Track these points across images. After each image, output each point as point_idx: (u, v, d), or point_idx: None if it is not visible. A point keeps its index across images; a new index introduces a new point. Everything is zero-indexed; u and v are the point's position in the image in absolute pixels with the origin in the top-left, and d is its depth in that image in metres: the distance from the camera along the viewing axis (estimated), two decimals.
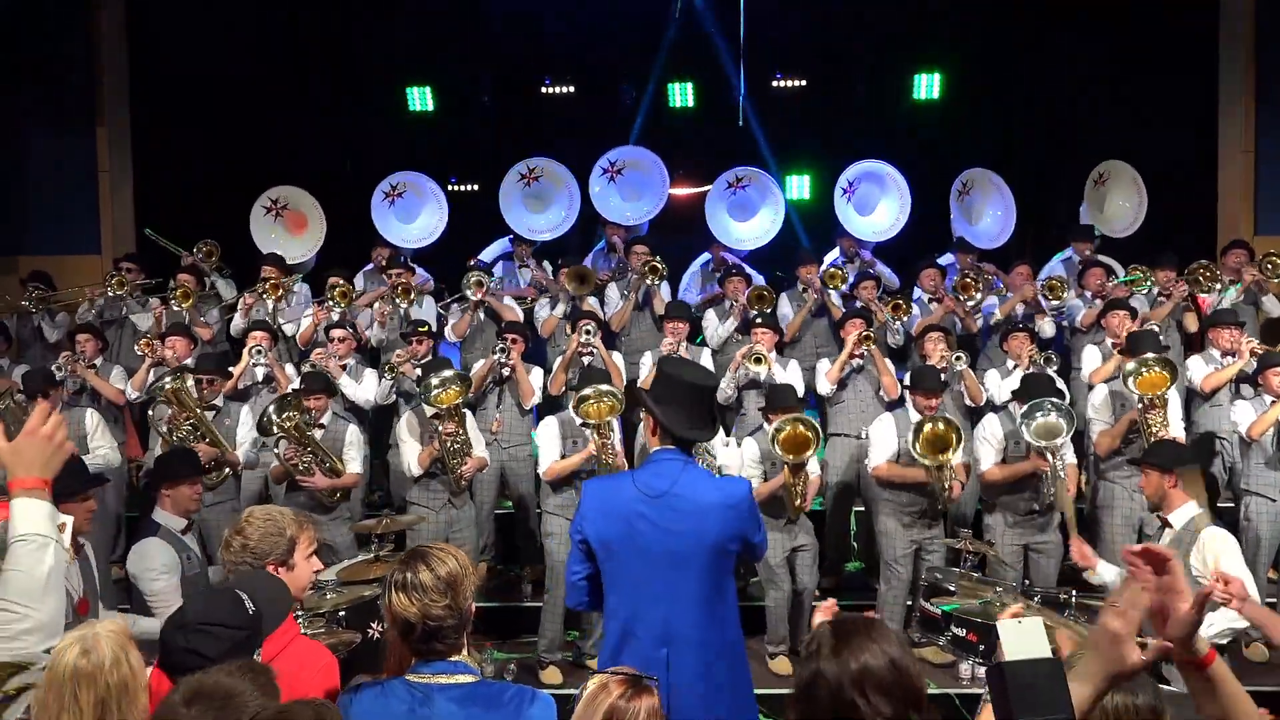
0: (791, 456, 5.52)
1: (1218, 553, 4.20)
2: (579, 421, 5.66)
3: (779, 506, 5.77)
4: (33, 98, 8.98)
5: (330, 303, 7.36)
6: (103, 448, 6.10)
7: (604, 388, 5.64)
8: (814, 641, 2.09)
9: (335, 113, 9.65)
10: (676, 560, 3.10)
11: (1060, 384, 6.67)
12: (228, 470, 6.10)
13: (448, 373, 5.84)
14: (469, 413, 6.23)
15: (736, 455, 6.02)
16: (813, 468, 5.93)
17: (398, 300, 7.48)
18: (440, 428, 5.78)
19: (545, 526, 5.93)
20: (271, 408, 5.78)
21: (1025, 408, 5.65)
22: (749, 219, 8.80)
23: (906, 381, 6.21)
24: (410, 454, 5.95)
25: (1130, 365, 5.74)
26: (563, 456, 5.75)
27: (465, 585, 2.40)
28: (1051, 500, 5.66)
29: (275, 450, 5.87)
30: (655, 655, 3.06)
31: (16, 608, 2.06)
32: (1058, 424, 5.51)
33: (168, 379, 5.95)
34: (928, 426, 5.58)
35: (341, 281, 7.56)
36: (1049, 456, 5.53)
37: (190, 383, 6.05)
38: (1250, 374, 6.44)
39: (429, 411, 5.87)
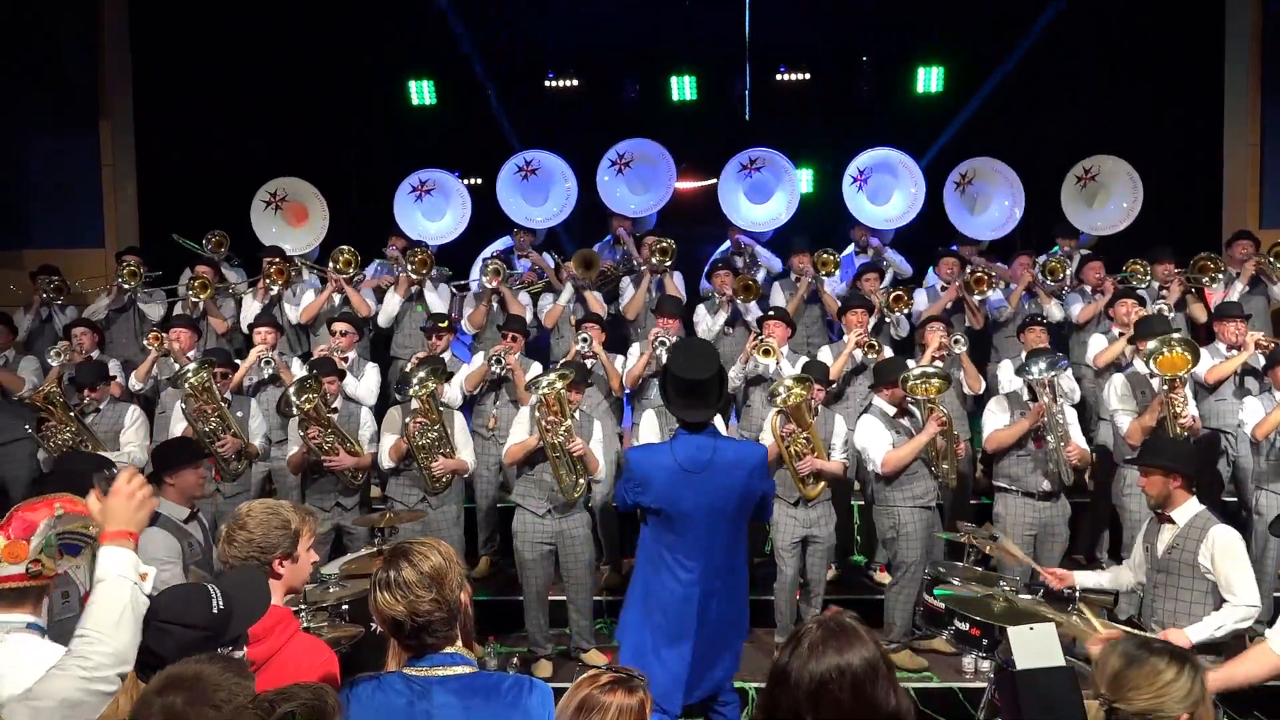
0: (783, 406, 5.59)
1: (1225, 552, 4.18)
2: (538, 407, 5.63)
3: (788, 487, 5.78)
4: (36, 92, 8.98)
5: (333, 266, 7.38)
6: (132, 444, 6.26)
7: (558, 373, 5.66)
8: (797, 637, 2.07)
9: (337, 106, 9.64)
10: (720, 516, 3.92)
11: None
12: (248, 461, 6.17)
13: (423, 371, 5.83)
14: (459, 414, 6.25)
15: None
16: (838, 454, 5.95)
17: (411, 270, 7.52)
18: (408, 421, 5.81)
19: (513, 523, 5.90)
20: (291, 390, 5.83)
21: (1021, 363, 5.89)
22: (764, 201, 8.78)
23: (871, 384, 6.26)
24: (386, 446, 6.00)
25: (1152, 344, 5.64)
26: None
27: (451, 578, 2.39)
28: (1064, 459, 5.68)
29: (302, 433, 5.89)
30: (710, 586, 3.93)
31: (93, 634, 2.25)
32: (1050, 367, 5.66)
33: (190, 372, 5.97)
34: (915, 381, 5.73)
35: (347, 249, 7.58)
36: (1045, 397, 5.58)
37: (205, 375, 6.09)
38: (1258, 369, 6.42)
39: (415, 405, 5.88)
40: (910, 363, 6.35)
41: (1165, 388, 5.58)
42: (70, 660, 2.22)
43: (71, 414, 6.19)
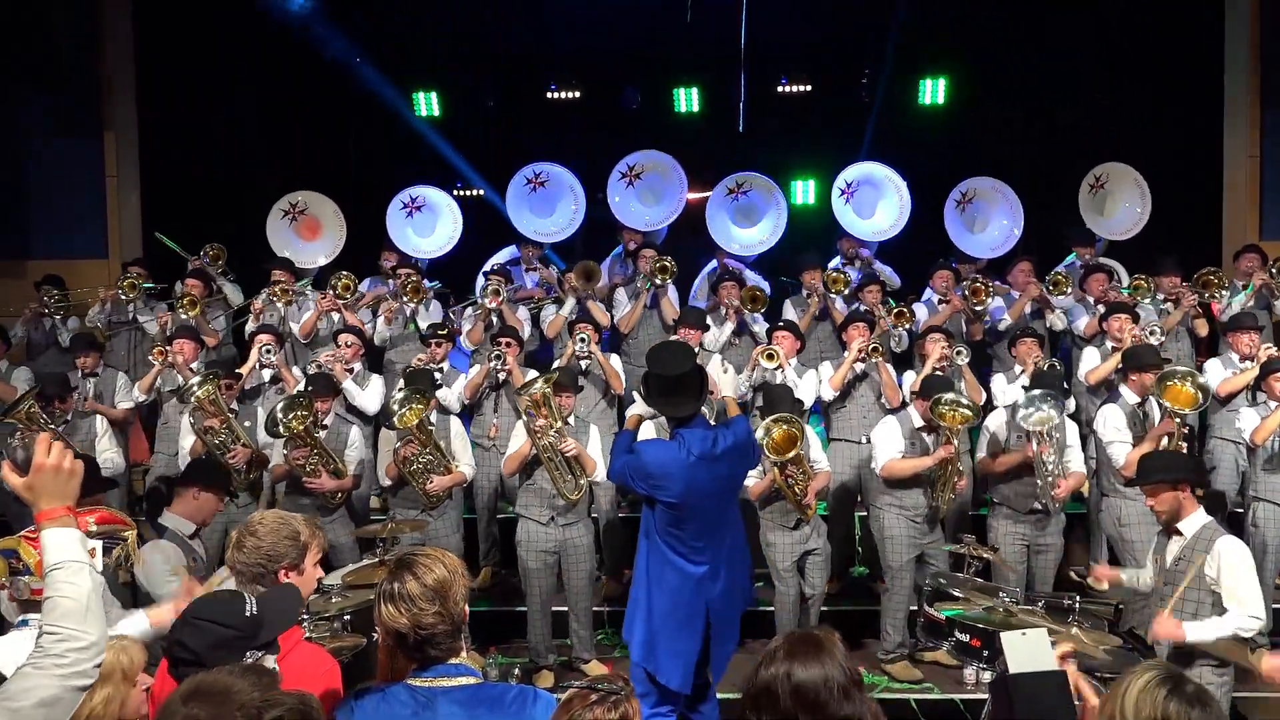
0: (779, 456, 5.56)
1: (1232, 564, 4.18)
2: (525, 414, 5.66)
3: (787, 511, 5.78)
4: (40, 102, 9.01)
5: (332, 292, 7.40)
6: (109, 452, 6.29)
7: (545, 375, 5.72)
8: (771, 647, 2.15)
9: (342, 117, 9.67)
10: (724, 499, 4.32)
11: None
12: (260, 470, 6.19)
13: (400, 394, 5.82)
14: (457, 421, 6.26)
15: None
16: (822, 464, 5.96)
17: (405, 298, 7.50)
18: (397, 448, 5.80)
19: (516, 532, 5.92)
20: (279, 408, 5.81)
21: (1024, 398, 5.85)
22: (752, 225, 8.78)
23: (913, 388, 6.24)
24: (383, 463, 6.02)
25: (1168, 370, 5.72)
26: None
27: (455, 590, 2.38)
28: (1052, 496, 5.70)
29: (284, 450, 5.90)
30: (719, 569, 4.23)
31: (64, 630, 2.14)
32: (1049, 415, 5.69)
33: (196, 385, 5.99)
34: (944, 407, 5.69)
35: (345, 274, 7.60)
36: (1036, 444, 5.62)
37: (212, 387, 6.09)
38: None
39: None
40: (961, 385, 6.43)
41: (1177, 420, 5.57)
42: (45, 659, 2.12)
43: (53, 427, 6.14)
